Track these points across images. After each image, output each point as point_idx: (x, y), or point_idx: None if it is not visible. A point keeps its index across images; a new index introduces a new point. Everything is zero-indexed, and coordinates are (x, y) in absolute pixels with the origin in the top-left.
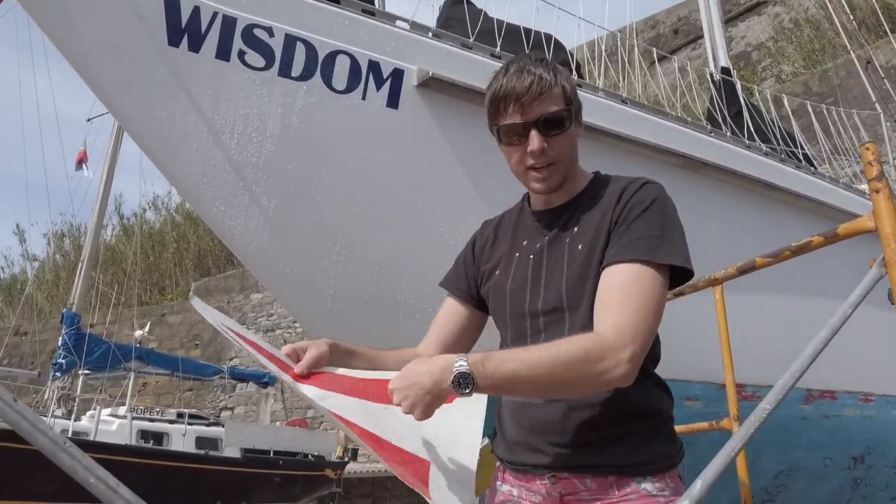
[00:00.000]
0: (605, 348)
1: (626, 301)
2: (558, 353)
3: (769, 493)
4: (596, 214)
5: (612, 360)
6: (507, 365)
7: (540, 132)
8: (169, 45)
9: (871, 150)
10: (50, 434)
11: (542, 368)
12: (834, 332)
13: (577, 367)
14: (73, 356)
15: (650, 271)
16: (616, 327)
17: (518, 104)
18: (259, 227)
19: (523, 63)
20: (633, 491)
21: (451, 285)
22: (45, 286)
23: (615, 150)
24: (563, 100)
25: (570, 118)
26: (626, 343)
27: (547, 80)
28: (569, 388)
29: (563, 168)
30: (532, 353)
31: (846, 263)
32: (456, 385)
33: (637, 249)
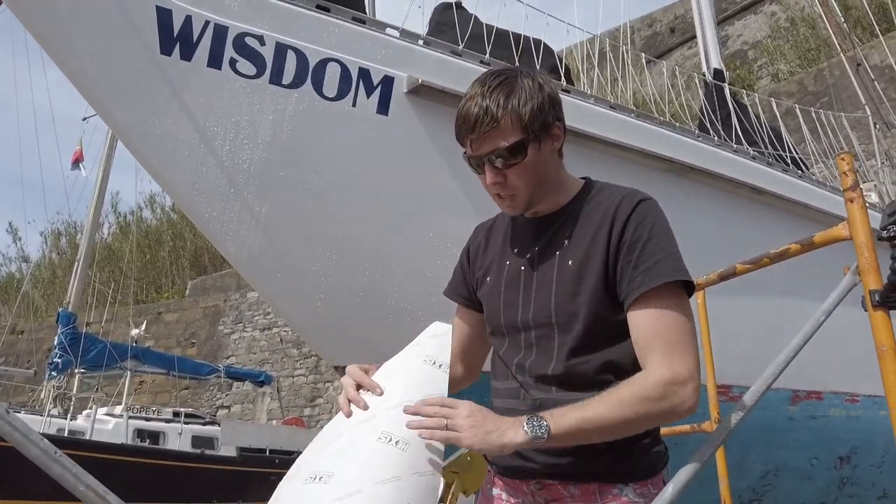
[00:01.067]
0: (665, 388)
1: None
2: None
3: (756, 492)
4: (588, 230)
5: (677, 398)
6: (575, 412)
7: (493, 166)
8: (161, 53)
9: (846, 161)
10: (41, 444)
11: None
12: (807, 339)
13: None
14: (70, 355)
15: (674, 295)
16: (667, 363)
17: (469, 139)
18: (250, 232)
19: (478, 88)
20: (614, 498)
21: (454, 293)
22: (41, 284)
23: (603, 156)
24: (516, 130)
25: (524, 149)
26: (686, 377)
27: (493, 115)
28: (635, 428)
29: (526, 194)
30: (595, 400)
31: (838, 263)
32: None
33: (658, 275)
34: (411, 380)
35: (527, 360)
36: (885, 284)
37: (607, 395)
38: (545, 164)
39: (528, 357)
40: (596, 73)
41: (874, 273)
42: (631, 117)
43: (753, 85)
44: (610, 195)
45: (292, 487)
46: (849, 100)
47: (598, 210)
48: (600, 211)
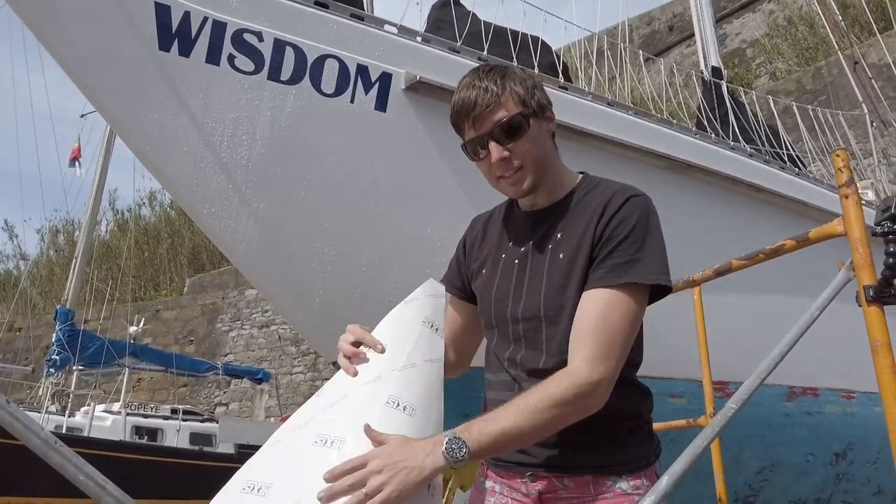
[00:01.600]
0: (581, 388)
1: (602, 334)
2: (539, 403)
3: (752, 488)
4: (580, 224)
5: (591, 398)
6: (493, 425)
7: (498, 142)
8: (159, 49)
9: (841, 157)
10: (42, 434)
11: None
12: (801, 334)
13: (559, 411)
14: (67, 352)
15: (628, 296)
16: (590, 361)
17: (471, 119)
18: (249, 229)
19: (471, 77)
20: (608, 490)
21: (449, 284)
22: (39, 282)
23: (601, 153)
24: (517, 104)
25: (526, 121)
26: (601, 377)
27: (493, 91)
28: (552, 431)
29: (532, 170)
30: (511, 409)
31: (835, 259)
32: (448, 448)
33: (618, 274)
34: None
35: (517, 353)
36: (879, 280)
37: (523, 402)
38: (545, 143)
39: (519, 351)
40: (594, 70)
41: (868, 269)
42: (629, 115)
43: (751, 83)
44: (604, 191)
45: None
46: (846, 98)
47: (590, 205)
48: (592, 206)
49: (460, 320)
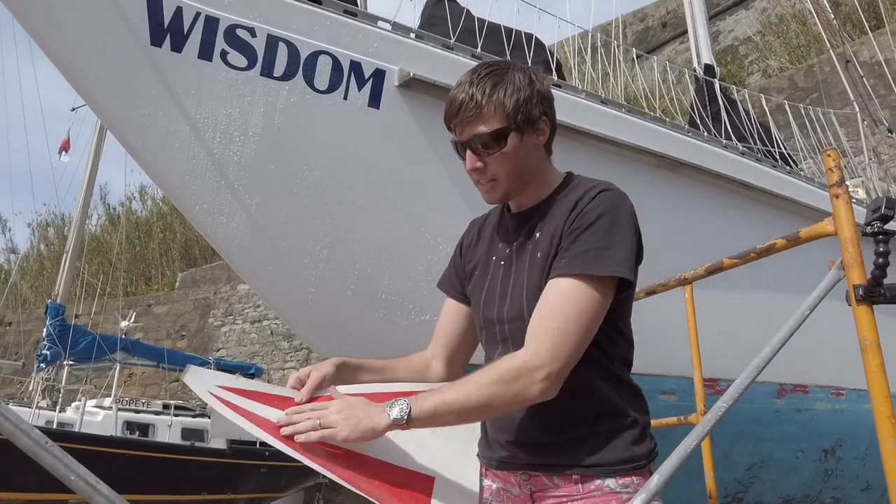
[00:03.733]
0: (519, 370)
1: (553, 322)
2: (477, 379)
3: (742, 484)
4: (555, 223)
5: (527, 380)
6: (434, 395)
7: (473, 152)
8: (151, 44)
9: (832, 157)
10: (32, 434)
11: (463, 396)
12: (791, 333)
13: (495, 389)
14: (58, 347)
15: (585, 287)
16: (535, 350)
17: (453, 123)
18: (241, 225)
19: (467, 77)
20: (596, 488)
21: (447, 285)
22: (29, 276)
23: (594, 150)
24: (500, 119)
25: (504, 138)
26: (543, 363)
27: (477, 101)
28: (492, 409)
29: (503, 184)
30: (457, 383)
31: (827, 258)
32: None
33: (578, 264)
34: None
35: (504, 353)
36: (868, 279)
37: (470, 379)
38: (526, 156)
39: (506, 350)
40: (588, 67)
41: (858, 268)
42: (621, 112)
43: (744, 80)
44: (581, 188)
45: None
46: (838, 96)
47: (567, 204)
48: (567, 204)
49: (454, 323)
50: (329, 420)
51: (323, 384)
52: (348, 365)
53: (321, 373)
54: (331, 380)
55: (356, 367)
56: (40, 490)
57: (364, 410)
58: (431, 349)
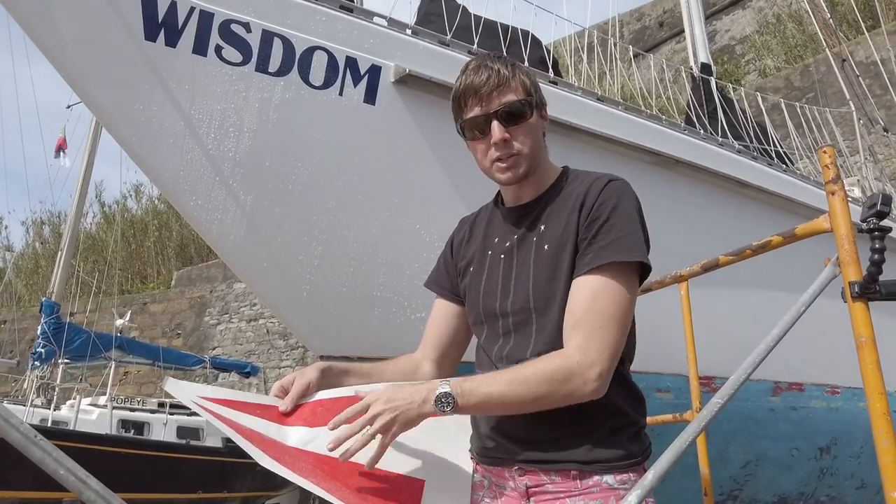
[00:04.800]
0: (571, 370)
1: (594, 319)
2: (529, 376)
3: (738, 482)
4: (562, 214)
5: (580, 380)
6: (483, 388)
7: (501, 123)
8: (146, 39)
9: (828, 154)
10: (21, 428)
11: (512, 389)
12: (787, 330)
13: (546, 388)
14: (53, 345)
15: (618, 279)
16: (582, 347)
17: (478, 98)
18: (236, 221)
19: (482, 60)
20: (594, 484)
21: (436, 284)
22: (24, 274)
23: (590, 147)
24: (522, 92)
25: (531, 109)
26: (593, 362)
27: (504, 74)
28: (541, 406)
29: (527, 159)
30: (505, 376)
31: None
32: (438, 403)
33: (603, 256)
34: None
35: (505, 347)
36: (864, 276)
37: (516, 372)
38: (540, 137)
39: (507, 344)
40: (584, 66)
41: (854, 265)
42: (618, 110)
43: (741, 80)
44: (583, 180)
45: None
46: (834, 96)
47: (571, 196)
48: (573, 196)
49: (444, 322)
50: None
51: (308, 391)
52: (333, 370)
53: (305, 379)
54: (315, 386)
55: (341, 371)
56: (35, 489)
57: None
58: (421, 350)
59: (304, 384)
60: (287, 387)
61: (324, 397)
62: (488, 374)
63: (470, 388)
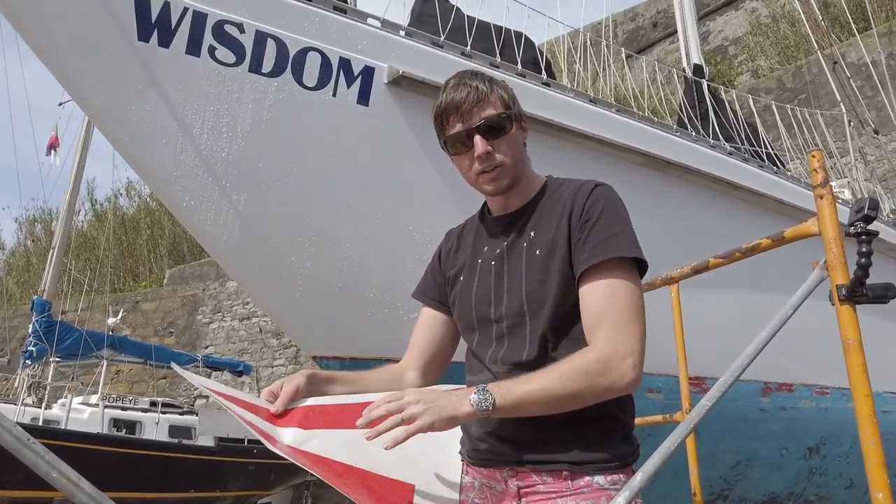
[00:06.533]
0: (606, 362)
1: (613, 313)
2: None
3: (727, 481)
4: (551, 219)
5: (616, 374)
6: (520, 386)
7: (483, 136)
8: (138, 39)
9: (816, 157)
10: (14, 431)
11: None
12: (775, 332)
13: (584, 382)
14: (44, 343)
15: (623, 275)
16: (612, 340)
17: (459, 114)
18: (229, 222)
19: (460, 77)
20: (586, 485)
21: (423, 294)
22: (15, 272)
23: (582, 149)
24: (501, 105)
25: (510, 122)
26: (626, 353)
27: (483, 90)
28: (579, 402)
29: (510, 170)
30: (540, 374)
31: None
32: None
33: (606, 249)
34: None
35: (499, 351)
36: (851, 279)
37: (552, 370)
38: (521, 148)
39: (501, 347)
40: (577, 67)
41: (841, 268)
42: (610, 111)
43: (733, 80)
44: (569, 186)
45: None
46: (826, 97)
47: (559, 201)
48: (561, 201)
49: (432, 332)
50: (411, 412)
51: (297, 395)
52: (318, 377)
53: (294, 384)
54: (304, 391)
55: (326, 378)
56: (25, 488)
57: (444, 398)
58: (406, 359)
59: (293, 389)
60: (276, 392)
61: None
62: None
63: (508, 387)
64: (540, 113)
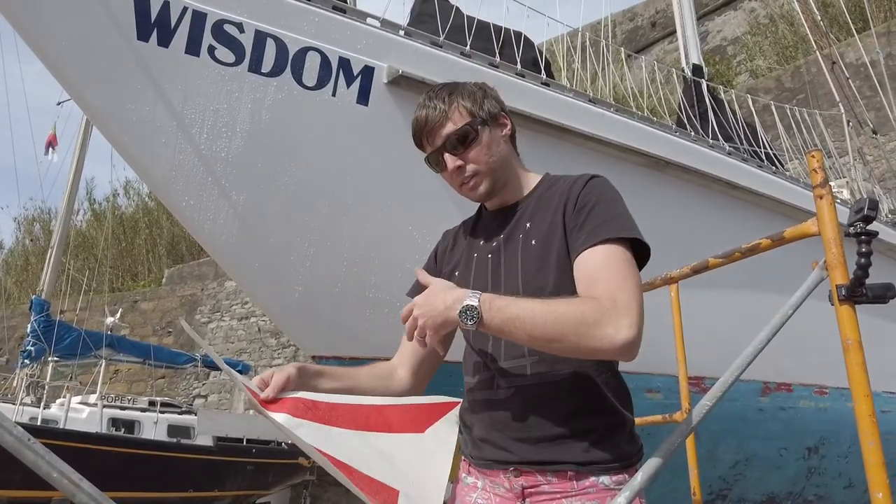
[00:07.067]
0: (603, 313)
1: (613, 276)
2: (558, 309)
3: (726, 481)
4: (548, 211)
5: (612, 328)
6: (512, 308)
7: (451, 152)
8: (138, 39)
9: (815, 158)
10: (15, 432)
11: (539, 318)
12: (775, 332)
13: (573, 325)
14: (43, 343)
15: (622, 249)
16: (611, 296)
17: (426, 135)
18: (228, 222)
19: (423, 99)
20: (591, 485)
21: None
22: (14, 271)
23: (582, 149)
24: (464, 116)
25: (475, 129)
26: (623, 312)
27: (440, 108)
28: (564, 344)
29: (487, 174)
30: (536, 304)
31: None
32: (462, 315)
33: (603, 231)
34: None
35: (498, 345)
36: (851, 279)
37: (549, 306)
38: (499, 147)
39: (500, 340)
40: (576, 67)
41: (841, 268)
42: (609, 111)
43: (732, 80)
44: (566, 180)
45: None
46: (825, 97)
47: (555, 194)
48: (557, 194)
49: None
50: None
51: (287, 385)
52: (309, 370)
53: (285, 374)
54: (294, 381)
55: (316, 373)
56: (24, 487)
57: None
58: (398, 357)
59: (284, 378)
60: (267, 380)
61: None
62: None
63: (500, 306)
64: (539, 113)
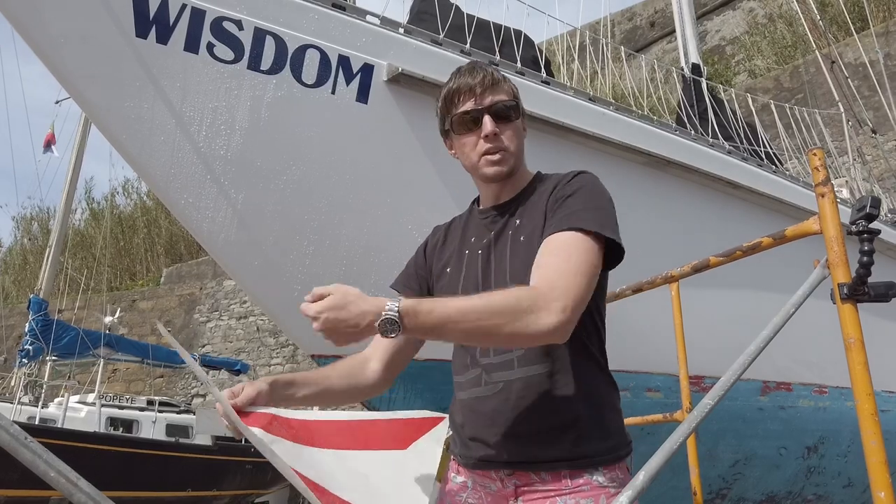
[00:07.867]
0: (535, 298)
1: (558, 261)
2: (490, 301)
3: (726, 480)
4: (537, 208)
5: (543, 311)
6: (438, 311)
7: (493, 118)
8: (136, 36)
9: (817, 156)
10: (11, 430)
11: (473, 314)
12: (776, 331)
13: (508, 315)
14: (41, 342)
15: (582, 237)
16: (547, 280)
17: (471, 94)
18: (227, 220)
19: (475, 63)
20: (585, 482)
21: (402, 286)
22: (12, 270)
23: (582, 148)
24: (512, 96)
25: (517, 113)
26: (558, 296)
27: (497, 77)
28: (500, 336)
29: (513, 157)
30: (464, 301)
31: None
32: (382, 328)
33: (570, 221)
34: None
35: None
36: (853, 278)
37: (483, 300)
38: (523, 141)
39: None
40: (576, 65)
41: (843, 267)
42: (609, 110)
43: (731, 80)
44: (555, 177)
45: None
46: (823, 97)
47: (545, 192)
48: (546, 192)
49: None
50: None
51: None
52: (280, 382)
53: (255, 388)
54: (266, 396)
55: (287, 382)
56: (22, 487)
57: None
58: (371, 347)
59: (254, 393)
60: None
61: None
62: (448, 298)
63: (425, 310)
64: (539, 111)
